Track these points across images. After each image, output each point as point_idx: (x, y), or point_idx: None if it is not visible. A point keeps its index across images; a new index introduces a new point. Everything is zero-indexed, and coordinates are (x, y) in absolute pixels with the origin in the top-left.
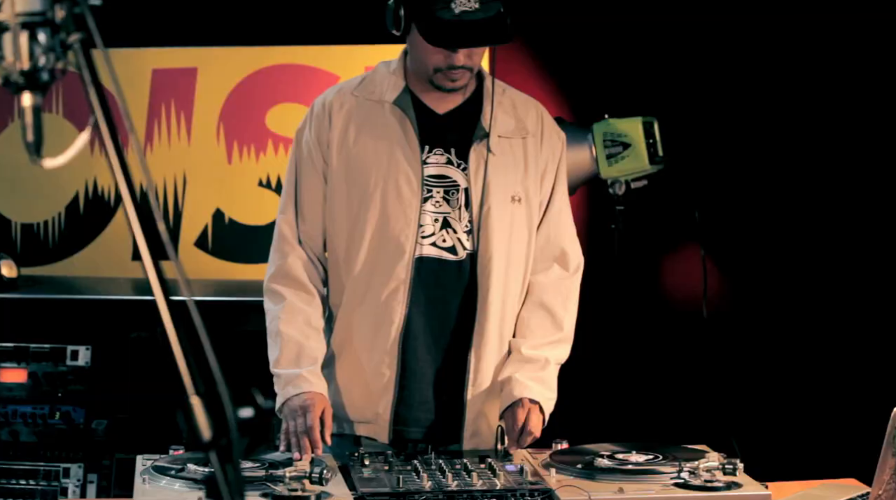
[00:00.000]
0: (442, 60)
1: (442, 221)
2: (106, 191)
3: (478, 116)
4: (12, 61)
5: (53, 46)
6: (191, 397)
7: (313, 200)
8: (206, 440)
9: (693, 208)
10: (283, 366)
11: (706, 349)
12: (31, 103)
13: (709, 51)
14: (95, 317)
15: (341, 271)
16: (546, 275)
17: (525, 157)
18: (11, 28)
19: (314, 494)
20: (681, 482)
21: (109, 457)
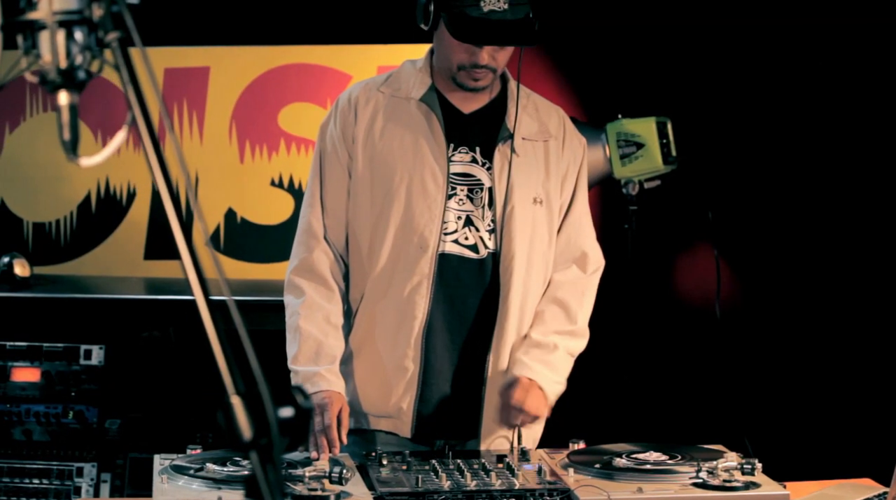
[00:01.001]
0: (466, 58)
1: (465, 219)
2: (118, 190)
3: (502, 117)
4: (49, 60)
5: (90, 45)
6: (231, 396)
7: (337, 194)
8: (246, 439)
9: (706, 209)
10: (302, 363)
11: (719, 349)
12: (67, 102)
13: (721, 52)
14: (109, 316)
15: (364, 265)
16: (564, 274)
17: (546, 160)
18: (49, 26)
19: (333, 494)
20: (699, 482)
21: (123, 456)
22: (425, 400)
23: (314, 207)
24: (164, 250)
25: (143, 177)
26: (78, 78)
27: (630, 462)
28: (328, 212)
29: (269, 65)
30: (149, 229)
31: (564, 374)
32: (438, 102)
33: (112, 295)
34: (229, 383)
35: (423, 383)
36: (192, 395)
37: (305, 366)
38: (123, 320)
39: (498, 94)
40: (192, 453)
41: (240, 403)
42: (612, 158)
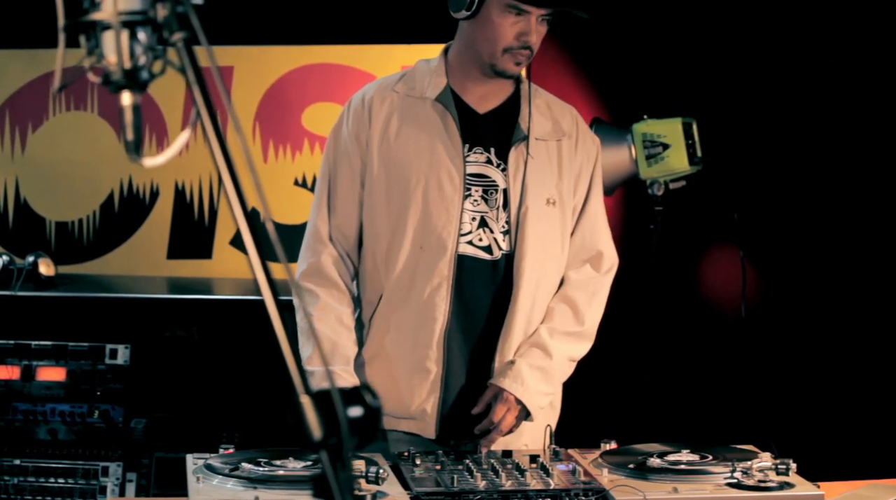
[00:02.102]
0: (514, 39)
1: (479, 221)
2: (141, 189)
3: (516, 117)
4: (114, 60)
5: (153, 45)
6: (301, 396)
7: (347, 196)
8: (316, 439)
9: (732, 209)
10: (316, 363)
11: (745, 350)
12: (130, 102)
13: (748, 50)
14: (134, 316)
15: (380, 268)
16: (577, 273)
17: (560, 160)
18: (113, 27)
19: (370, 493)
20: (734, 482)
21: (148, 456)
22: (446, 401)
23: (322, 209)
24: (187, 250)
25: (166, 176)
26: (141, 78)
27: (664, 462)
28: (337, 214)
29: (292, 64)
30: (172, 229)
31: (559, 382)
32: (454, 102)
33: (137, 294)
34: (298, 383)
35: (446, 385)
36: (218, 394)
37: (321, 366)
38: (149, 319)
39: (511, 93)
40: (224, 452)
41: (309, 402)
42: (638, 159)
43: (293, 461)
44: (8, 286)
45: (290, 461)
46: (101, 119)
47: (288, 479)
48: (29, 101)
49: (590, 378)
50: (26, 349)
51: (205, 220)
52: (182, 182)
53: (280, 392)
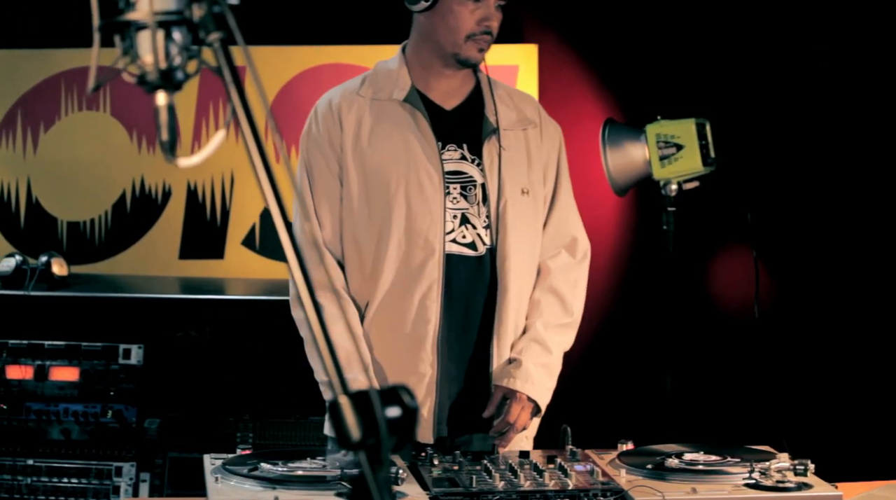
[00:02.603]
0: (475, 25)
1: (461, 218)
2: (153, 189)
3: (482, 110)
4: (150, 60)
5: (188, 45)
6: (339, 396)
7: (330, 205)
8: (355, 439)
9: (745, 210)
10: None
11: (758, 350)
12: (165, 102)
13: (761, 50)
14: (147, 316)
15: (367, 274)
16: (555, 261)
17: (528, 149)
18: (149, 26)
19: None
20: (752, 483)
21: (162, 456)
22: (442, 404)
23: (311, 219)
24: (199, 250)
25: (178, 176)
26: (176, 78)
27: (682, 463)
28: (324, 224)
29: (304, 65)
30: (184, 229)
31: (556, 377)
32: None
33: (150, 295)
34: (337, 383)
35: (441, 386)
36: (231, 394)
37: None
38: (162, 319)
39: (473, 87)
40: (241, 453)
41: (348, 403)
42: (652, 160)
43: (310, 461)
44: (21, 286)
45: (308, 461)
46: (113, 119)
47: (306, 479)
48: (41, 100)
49: (604, 378)
50: (39, 349)
51: (217, 220)
52: (194, 182)
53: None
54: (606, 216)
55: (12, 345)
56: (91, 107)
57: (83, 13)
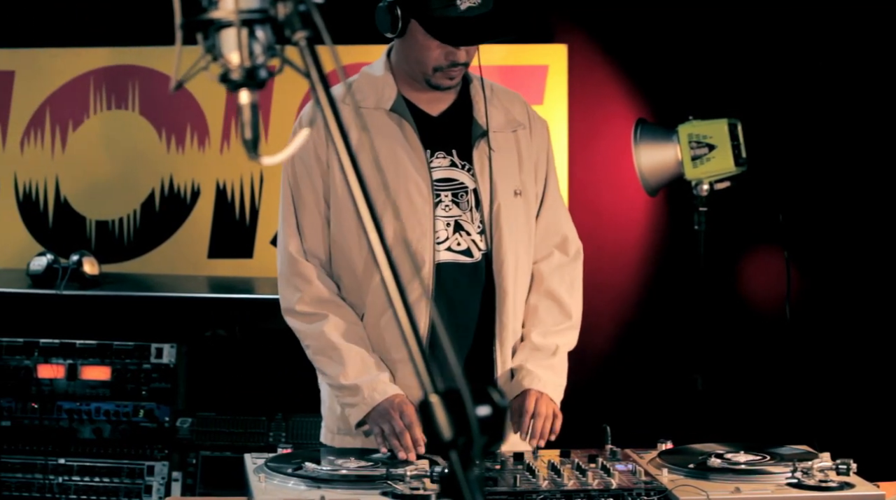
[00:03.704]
0: (443, 59)
1: (454, 225)
2: (182, 188)
3: (470, 114)
4: (234, 58)
5: (272, 44)
6: (430, 396)
7: (314, 218)
8: (446, 438)
9: (777, 211)
10: (353, 376)
11: (790, 351)
12: (248, 101)
13: (792, 50)
14: (180, 315)
15: (360, 286)
16: (548, 263)
17: (518, 150)
18: (234, 25)
19: (435, 493)
20: (794, 482)
21: (195, 455)
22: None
23: (293, 232)
24: (228, 249)
25: (207, 175)
26: (259, 77)
27: (724, 462)
28: (308, 237)
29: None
30: (213, 228)
31: (565, 374)
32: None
33: (183, 294)
34: (427, 382)
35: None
36: (263, 393)
37: (360, 377)
38: (195, 318)
39: (461, 90)
40: (282, 451)
41: (439, 402)
42: (684, 160)
43: (354, 459)
44: (52, 285)
45: (352, 460)
46: (142, 118)
47: (350, 478)
48: (70, 99)
49: (635, 378)
50: (71, 348)
51: (246, 219)
52: (223, 181)
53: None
54: (637, 216)
55: (44, 344)
56: (120, 106)
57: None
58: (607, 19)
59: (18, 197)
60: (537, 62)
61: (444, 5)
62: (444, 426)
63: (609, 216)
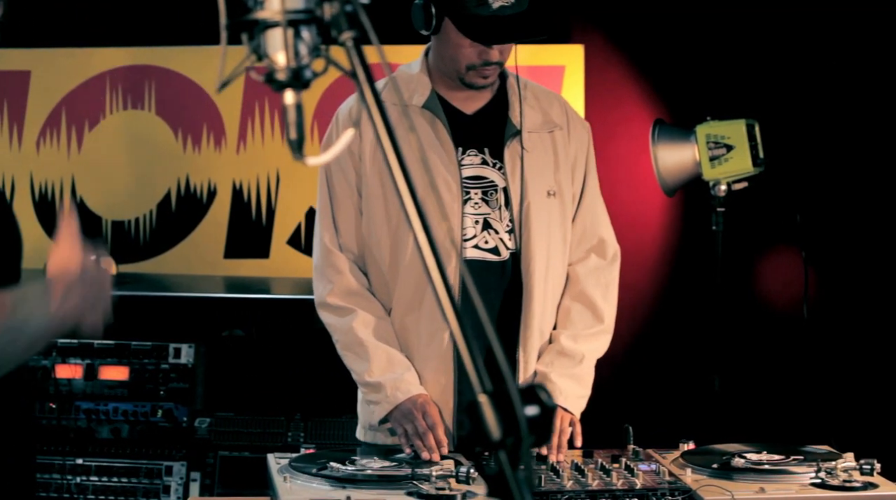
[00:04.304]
0: (476, 57)
1: (483, 223)
2: (198, 188)
3: (505, 113)
4: (279, 59)
5: (317, 44)
6: (479, 395)
7: (348, 212)
8: (495, 438)
9: (794, 211)
10: (378, 374)
11: (807, 351)
12: (293, 101)
13: (809, 50)
14: (197, 315)
15: (387, 282)
16: (584, 265)
17: (555, 151)
18: (280, 25)
19: (460, 493)
20: (818, 482)
21: (213, 455)
22: (462, 410)
23: (329, 225)
24: (244, 249)
25: (223, 175)
26: (304, 77)
27: (748, 463)
28: (342, 231)
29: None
30: (229, 228)
31: (590, 384)
32: (441, 107)
33: (201, 294)
34: (476, 382)
35: (460, 392)
36: (281, 393)
37: (384, 375)
38: (213, 318)
39: (497, 89)
40: (306, 451)
41: (487, 402)
42: (702, 160)
43: (378, 460)
44: None
45: (376, 460)
46: (158, 118)
47: (375, 478)
48: (85, 99)
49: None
50: (89, 348)
51: (262, 219)
52: (240, 181)
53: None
54: (654, 217)
55: (62, 344)
56: (136, 106)
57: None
58: (624, 20)
59: (34, 197)
60: (554, 62)
61: (477, 3)
62: (493, 426)
63: (626, 217)
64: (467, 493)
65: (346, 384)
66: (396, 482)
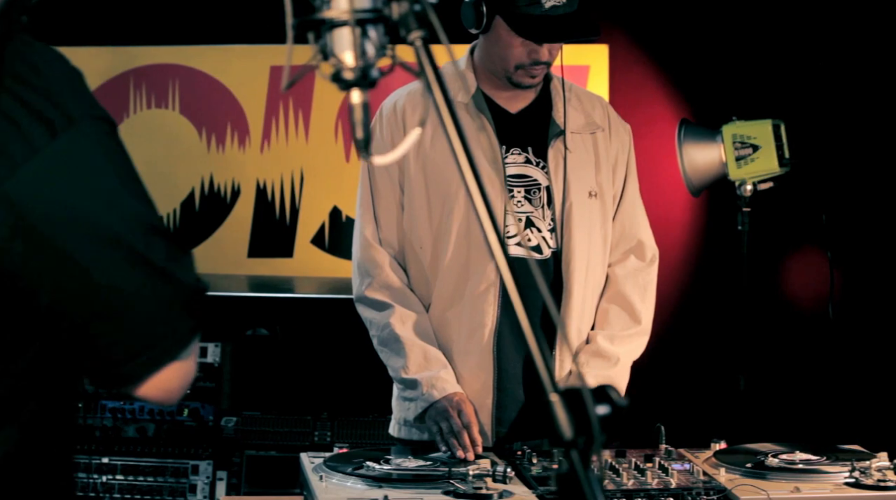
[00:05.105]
0: (525, 56)
1: (525, 221)
2: (222, 188)
3: (549, 113)
4: (348, 58)
5: (384, 43)
6: (550, 395)
7: (390, 207)
8: (567, 438)
9: (819, 211)
10: (414, 371)
11: (833, 351)
12: (360, 100)
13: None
14: (223, 314)
15: (428, 277)
16: (623, 266)
17: (596, 152)
18: (348, 24)
19: (497, 492)
20: (852, 482)
21: (239, 454)
22: (503, 406)
23: (369, 220)
24: (268, 249)
25: (247, 175)
26: (371, 76)
27: (782, 462)
28: (384, 226)
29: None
30: (253, 227)
31: (623, 386)
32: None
33: (226, 292)
34: (548, 381)
35: (499, 389)
36: (309, 393)
37: (420, 372)
38: (238, 317)
39: (541, 89)
40: (339, 451)
41: (559, 401)
42: (728, 160)
43: (414, 459)
44: None
45: (411, 459)
46: (182, 117)
47: (410, 477)
48: (110, 98)
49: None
50: None
51: (286, 218)
52: (263, 181)
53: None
54: (680, 217)
55: None
56: (160, 105)
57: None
58: (648, 19)
59: None
60: (578, 62)
61: (529, 3)
62: (565, 426)
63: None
64: (504, 492)
65: (372, 383)
66: (433, 481)
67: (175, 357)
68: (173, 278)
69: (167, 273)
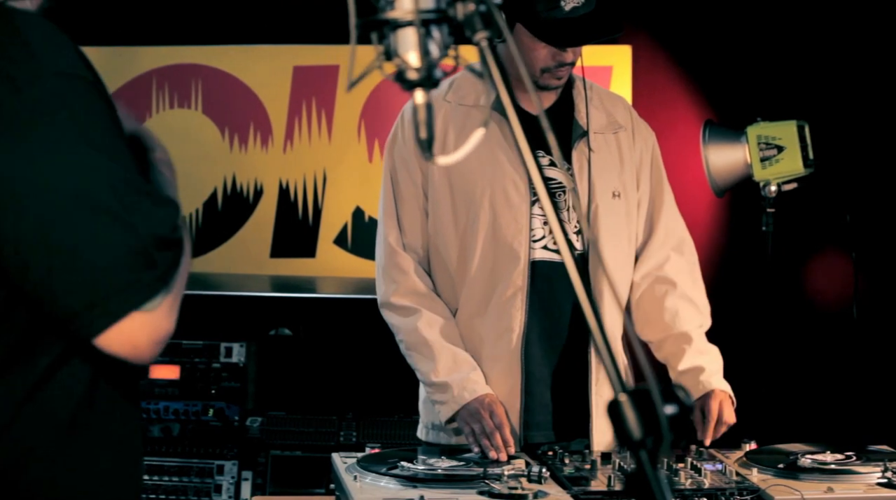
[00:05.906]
0: (551, 60)
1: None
2: (245, 188)
3: (571, 114)
4: (412, 59)
5: (448, 44)
6: (619, 395)
7: (414, 210)
8: (636, 438)
9: (844, 212)
10: (444, 374)
11: (857, 351)
12: (423, 100)
13: (856, 51)
14: (246, 314)
15: (454, 282)
16: (674, 265)
17: (619, 152)
18: (412, 24)
19: (532, 493)
20: (884, 482)
21: (264, 454)
22: (530, 410)
23: (393, 224)
24: (291, 249)
25: (270, 175)
26: (435, 77)
27: (814, 462)
28: (407, 231)
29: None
30: (275, 227)
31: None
32: None
33: (252, 292)
34: (616, 382)
35: (527, 392)
36: (334, 393)
37: (450, 375)
38: (261, 317)
39: (562, 91)
40: (371, 451)
41: (628, 401)
42: (752, 161)
43: (447, 459)
44: None
45: (445, 459)
46: (204, 117)
47: (445, 477)
48: (131, 98)
49: None
50: None
51: (309, 218)
52: (286, 181)
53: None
54: (704, 217)
55: None
56: (183, 104)
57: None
58: (671, 20)
59: None
60: (601, 63)
61: (550, 7)
62: (634, 426)
63: None
64: (539, 492)
65: (397, 383)
66: (468, 481)
67: (136, 307)
68: (134, 228)
69: (128, 223)
